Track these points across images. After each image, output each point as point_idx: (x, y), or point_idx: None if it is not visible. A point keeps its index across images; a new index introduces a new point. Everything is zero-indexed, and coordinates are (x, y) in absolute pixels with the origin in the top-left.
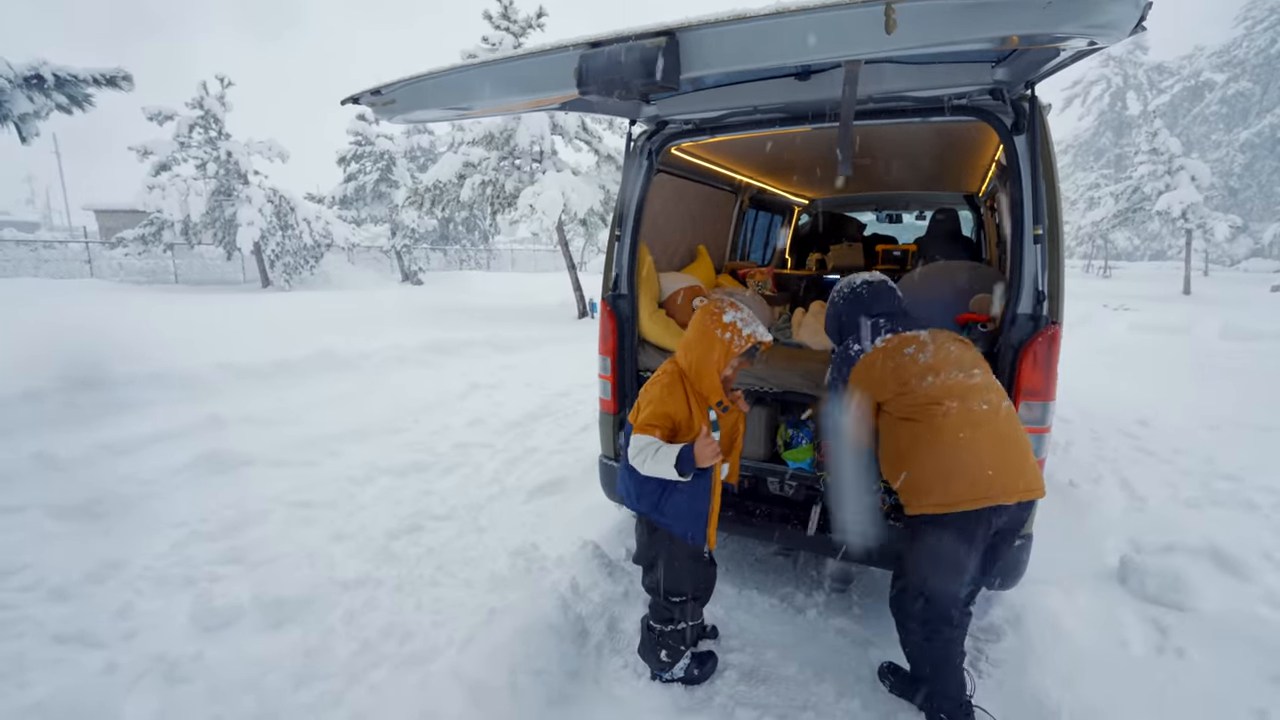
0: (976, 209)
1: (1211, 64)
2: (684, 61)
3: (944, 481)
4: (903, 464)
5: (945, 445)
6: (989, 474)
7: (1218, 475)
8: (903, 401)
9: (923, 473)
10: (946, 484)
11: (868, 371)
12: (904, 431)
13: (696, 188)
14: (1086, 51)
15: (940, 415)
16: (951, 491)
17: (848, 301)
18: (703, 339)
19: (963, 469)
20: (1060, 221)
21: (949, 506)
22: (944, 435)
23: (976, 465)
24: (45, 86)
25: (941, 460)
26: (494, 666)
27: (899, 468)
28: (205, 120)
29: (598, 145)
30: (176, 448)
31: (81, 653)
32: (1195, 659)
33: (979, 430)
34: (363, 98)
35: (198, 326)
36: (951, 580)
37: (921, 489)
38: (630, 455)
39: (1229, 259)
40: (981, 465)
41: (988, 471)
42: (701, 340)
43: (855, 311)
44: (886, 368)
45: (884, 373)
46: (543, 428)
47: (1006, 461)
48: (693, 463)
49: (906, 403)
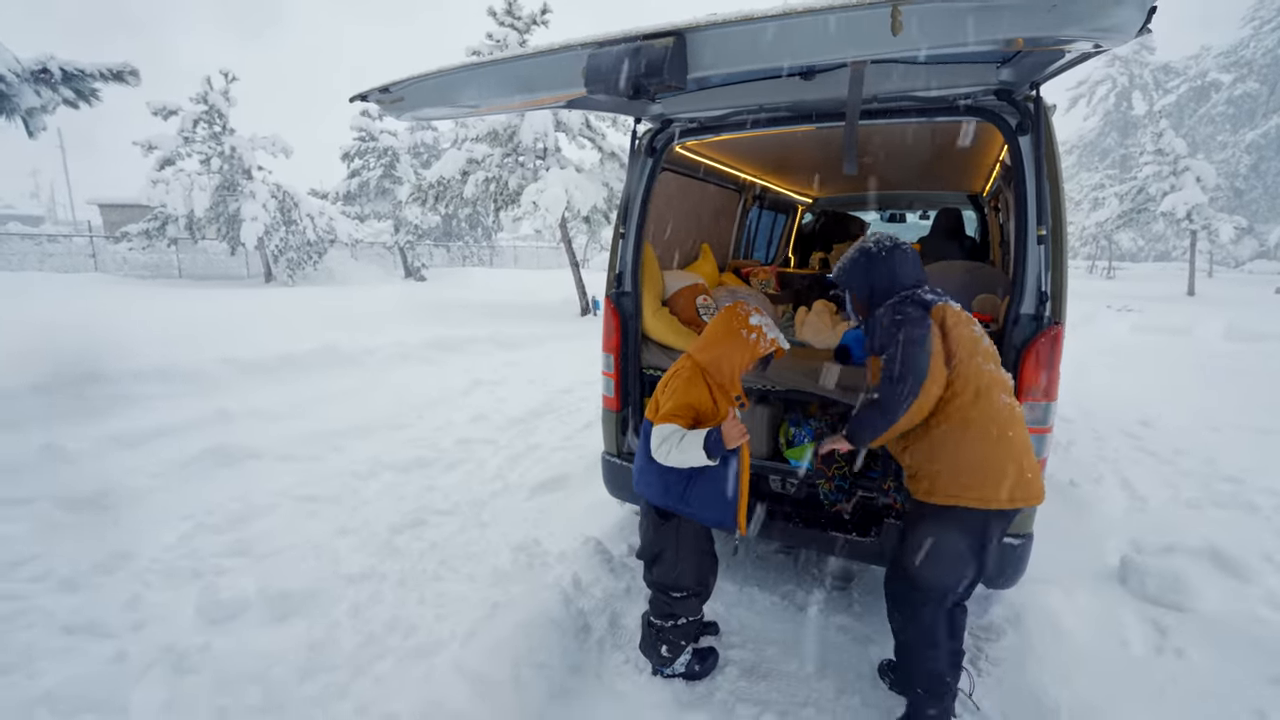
0: (980, 209)
1: (1218, 64)
2: (691, 61)
3: (986, 476)
4: (939, 448)
5: (991, 438)
6: (1028, 476)
7: (1219, 477)
8: (959, 375)
9: (965, 462)
10: (987, 479)
11: (943, 321)
12: (953, 413)
13: (701, 186)
14: (1091, 53)
15: (989, 405)
16: (991, 488)
17: (896, 256)
18: (729, 336)
19: (1004, 468)
20: (1064, 223)
21: (985, 503)
22: (992, 428)
23: (1016, 466)
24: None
25: (987, 453)
26: (497, 660)
27: (931, 451)
28: (209, 115)
29: (601, 142)
30: (183, 441)
31: (91, 643)
32: (1195, 659)
33: (1017, 429)
34: (371, 95)
35: (202, 321)
36: (965, 573)
37: (960, 480)
38: (653, 447)
39: (1234, 260)
40: (1021, 468)
41: (1027, 475)
42: (728, 337)
43: (906, 270)
44: (961, 332)
45: (959, 334)
46: (545, 424)
47: (1033, 465)
48: (722, 444)
49: (962, 381)
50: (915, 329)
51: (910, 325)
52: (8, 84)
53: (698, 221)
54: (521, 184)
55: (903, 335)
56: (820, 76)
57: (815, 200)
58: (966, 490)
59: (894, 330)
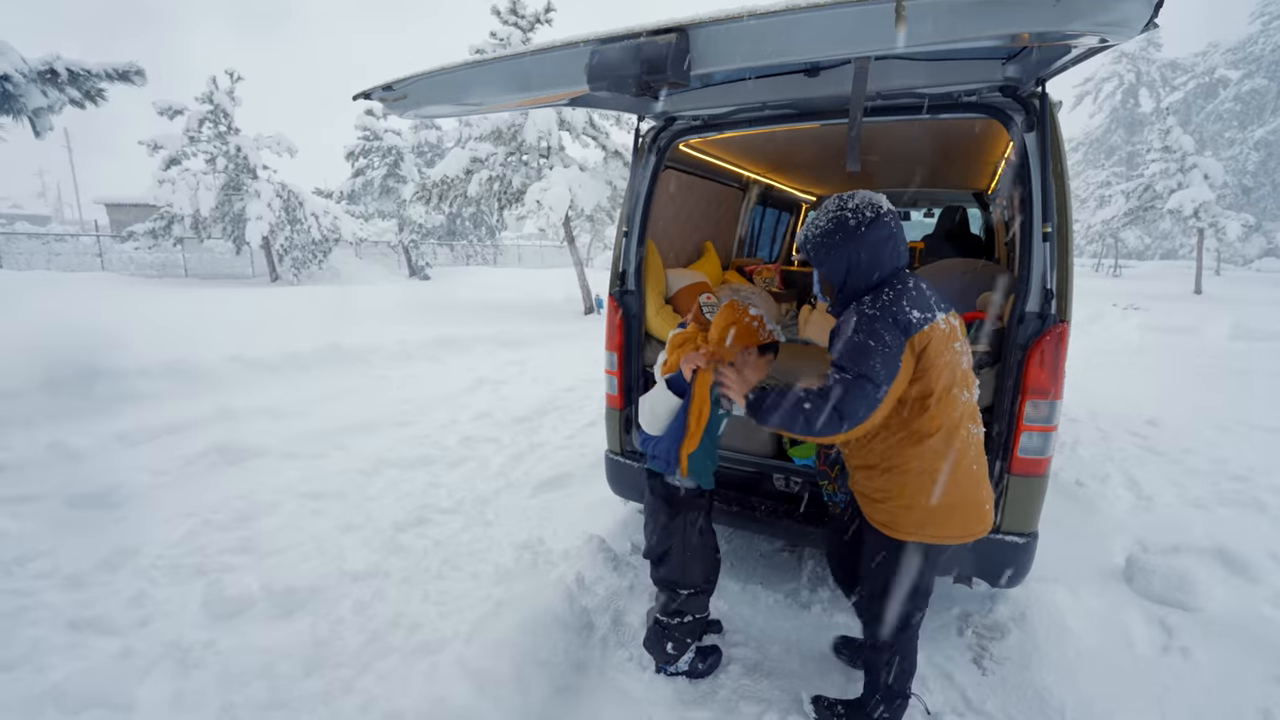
0: (985, 206)
1: (1226, 60)
2: (694, 58)
3: (953, 514)
4: (907, 479)
5: (961, 474)
6: (986, 508)
7: (1226, 475)
8: (935, 413)
9: (925, 499)
10: (953, 516)
11: (925, 350)
12: (924, 448)
13: (704, 184)
14: (1098, 49)
15: (962, 440)
16: (957, 525)
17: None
18: (730, 313)
19: (973, 502)
20: (1069, 220)
21: (950, 539)
22: (963, 463)
23: (979, 499)
24: (59, 81)
25: (956, 490)
26: (500, 657)
27: (897, 483)
28: (215, 115)
29: (605, 141)
30: (188, 439)
31: (96, 639)
32: (1200, 659)
33: (981, 462)
34: (375, 93)
35: (208, 320)
36: (924, 602)
37: (919, 517)
38: (639, 418)
39: (1241, 258)
40: (982, 500)
41: (986, 506)
42: (727, 314)
43: (889, 250)
44: (944, 361)
45: (941, 364)
46: (549, 423)
47: (990, 494)
48: (681, 378)
49: (938, 421)
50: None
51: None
52: (14, 84)
53: (701, 219)
54: (525, 183)
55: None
56: (824, 73)
57: (819, 198)
58: (936, 529)
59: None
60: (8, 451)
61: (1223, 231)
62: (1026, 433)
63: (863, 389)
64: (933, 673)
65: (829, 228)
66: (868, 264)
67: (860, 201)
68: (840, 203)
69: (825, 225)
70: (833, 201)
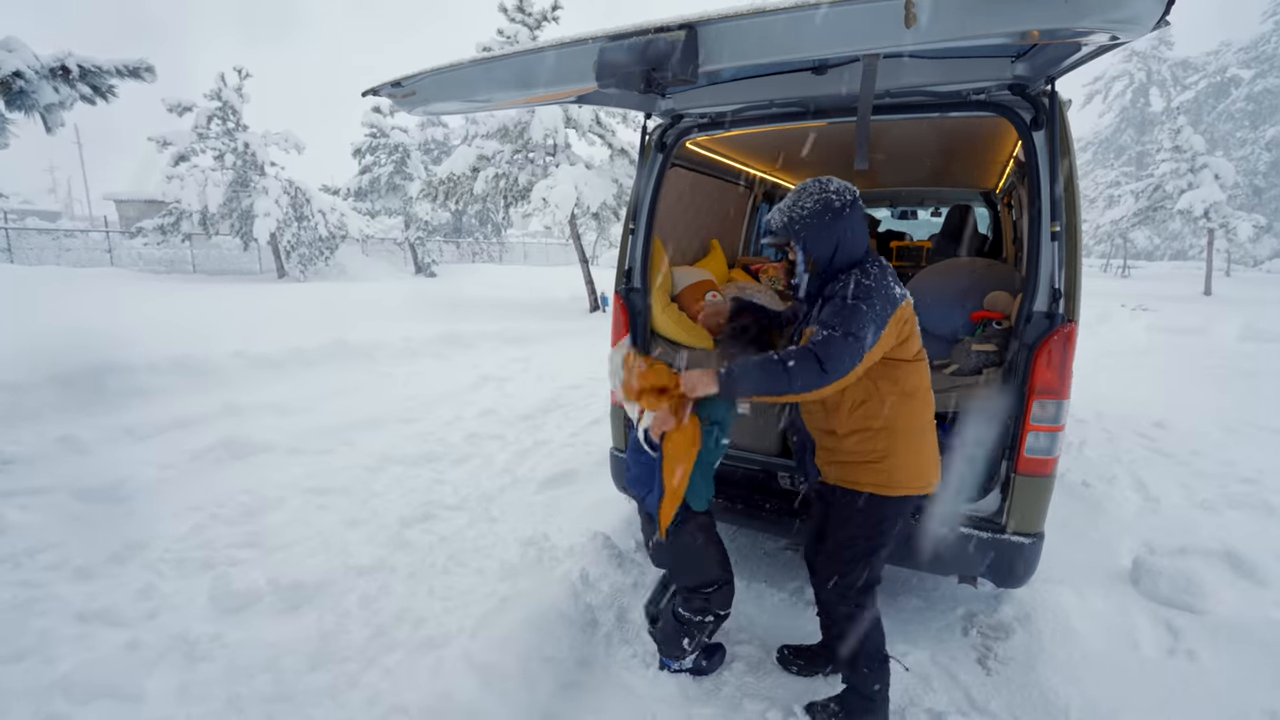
0: (993, 206)
1: (1238, 60)
2: (702, 55)
3: (932, 465)
4: (903, 437)
5: (928, 427)
6: (938, 461)
7: (1235, 478)
8: (918, 368)
9: (916, 454)
10: (932, 467)
11: (899, 324)
12: (914, 404)
13: (711, 182)
14: (1109, 46)
15: (926, 393)
16: (932, 474)
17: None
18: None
19: (936, 456)
20: (1078, 219)
21: (930, 488)
22: (928, 416)
23: (937, 454)
24: (70, 77)
25: (928, 443)
26: (505, 652)
27: (894, 442)
28: (223, 112)
29: (611, 139)
30: (196, 434)
31: (105, 630)
32: (1207, 662)
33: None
34: (383, 89)
35: (215, 316)
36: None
37: (911, 471)
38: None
39: (1252, 259)
40: (938, 456)
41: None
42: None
43: (865, 231)
44: (916, 327)
45: (915, 331)
46: (553, 420)
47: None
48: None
49: (920, 374)
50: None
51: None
52: (27, 80)
53: (707, 217)
54: (531, 180)
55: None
56: (832, 71)
57: None
58: (924, 479)
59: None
60: (17, 445)
61: (1233, 232)
62: (1033, 433)
63: (848, 344)
64: (937, 672)
65: (817, 209)
66: (852, 241)
67: (839, 185)
68: (821, 185)
69: (813, 206)
70: (813, 184)
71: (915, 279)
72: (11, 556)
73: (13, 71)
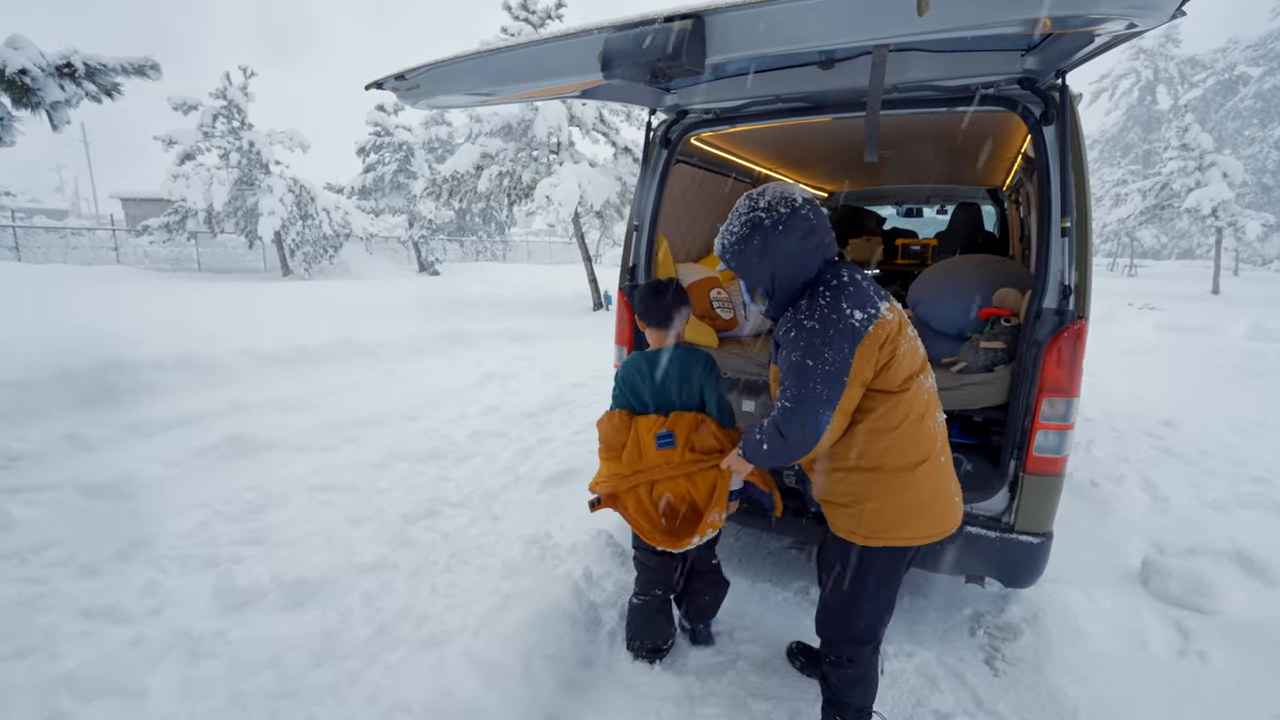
0: (1000, 203)
1: (1246, 57)
2: (709, 45)
3: (926, 511)
4: (880, 479)
5: (933, 466)
6: (956, 502)
7: (1245, 477)
8: (903, 402)
9: (898, 497)
10: (925, 514)
11: (874, 350)
12: (896, 437)
13: (716, 179)
14: (1123, 37)
15: (929, 430)
16: (927, 523)
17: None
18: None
19: (944, 497)
20: (1089, 214)
21: (920, 539)
22: (934, 455)
23: (950, 493)
24: (76, 75)
25: (929, 485)
26: (508, 650)
27: (871, 482)
28: (228, 110)
29: (615, 137)
30: (200, 431)
31: (109, 627)
32: (1218, 663)
33: (948, 451)
34: (387, 83)
35: (221, 314)
36: (889, 614)
37: (891, 519)
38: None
39: (1260, 258)
40: (952, 494)
41: (955, 499)
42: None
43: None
44: (902, 346)
45: (907, 350)
46: (557, 418)
47: (959, 488)
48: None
49: (905, 408)
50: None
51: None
52: (33, 78)
53: (712, 214)
54: (535, 178)
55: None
56: (839, 66)
57: (832, 194)
58: (914, 529)
59: (800, 375)
60: (23, 441)
61: (1241, 231)
62: (1042, 431)
63: (804, 413)
64: (944, 673)
65: (744, 232)
66: (792, 265)
67: (773, 198)
68: (751, 202)
69: (739, 230)
70: (743, 202)
71: (921, 276)
72: (17, 553)
73: (19, 69)
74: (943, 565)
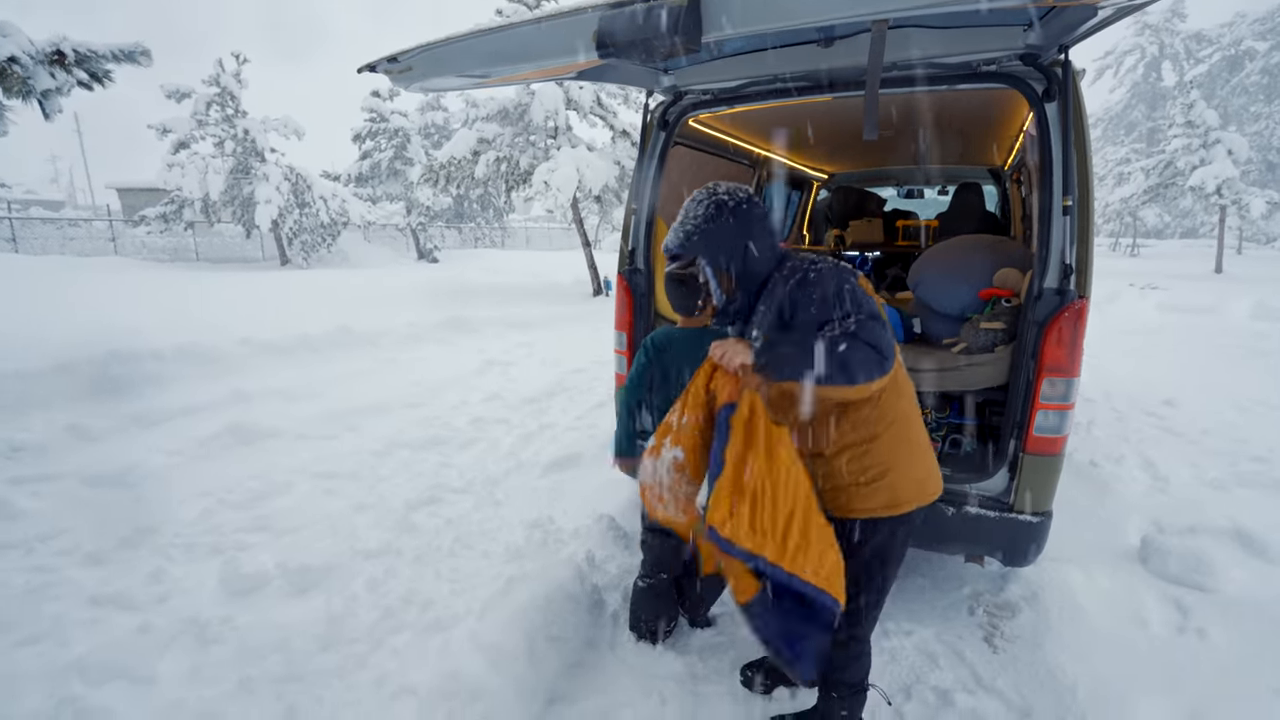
0: (1002, 183)
1: (1253, 32)
2: (706, 22)
3: (928, 474)
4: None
5: (920, 432)
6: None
7: (1246, 456)
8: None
9: (912, 465)
10: (929, 476)
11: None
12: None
13: (714, 161)
14: (1127, 9)
15: (913, 389)
16: (936, 478)
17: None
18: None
19: (932, 459)
20: (1091, 193)
21: (929, 498)
22: (918, 419)
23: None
24: (66, 63)
25: (924, 450)
26: (512, 633)
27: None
28: (222, 98)
29: (613, 120)
30: (202, 420)
31: (117, 614)
32: (1217, 640)
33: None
34: (379, 65)
35: (220, 303)
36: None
37: (926, 472)
38: None
39: (1265, 236)
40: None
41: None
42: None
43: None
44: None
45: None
46: (558, 404)
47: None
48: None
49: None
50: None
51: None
52: (23, 66)
53: None
54: (533, 163)
55: (851, 286)
56: (838, 44)
57: (831, 176)
58: (923, 489)
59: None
60: (27, 432)
61: (1246, 209)
62: (1042, 411)
63: (878, 328)
64: (943, 650)
65: (710, 213)
66: (763, 238)
67: (729, 186)
68: (709, 191)
69: (705, 212)
70: (700, 192)
71: (922, 256)
72: (24, 542)
73: (8, 57)
74: (943, 545)
